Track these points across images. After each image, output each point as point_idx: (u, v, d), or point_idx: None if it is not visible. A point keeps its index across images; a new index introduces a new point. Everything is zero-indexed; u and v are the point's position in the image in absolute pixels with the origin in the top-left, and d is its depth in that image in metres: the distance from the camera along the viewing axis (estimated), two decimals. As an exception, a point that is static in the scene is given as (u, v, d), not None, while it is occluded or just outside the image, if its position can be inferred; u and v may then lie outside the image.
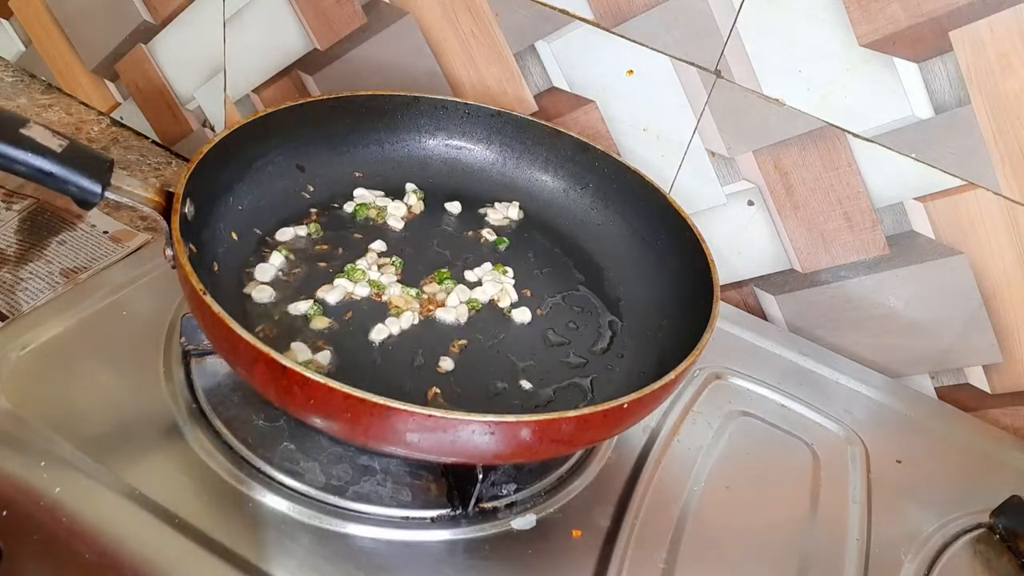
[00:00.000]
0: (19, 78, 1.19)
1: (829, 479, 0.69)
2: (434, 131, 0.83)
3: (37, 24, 1.14)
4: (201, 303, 0.52)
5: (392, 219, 0.78)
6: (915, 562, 0.64)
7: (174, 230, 0.56)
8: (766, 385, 0.77)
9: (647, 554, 0.59)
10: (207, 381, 0.64)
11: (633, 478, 0.65)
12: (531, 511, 0.60)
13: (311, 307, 0.66)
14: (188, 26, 1.02)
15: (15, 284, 0.84)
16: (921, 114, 0.71)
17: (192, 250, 0.60)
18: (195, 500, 0.56)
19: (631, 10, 0.78)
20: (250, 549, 0.53)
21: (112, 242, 0.91)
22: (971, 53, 0.67)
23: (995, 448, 0.77)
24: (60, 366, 0.63)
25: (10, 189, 0.95)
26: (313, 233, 0.74)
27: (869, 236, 0.78)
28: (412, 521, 0.58)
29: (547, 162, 0.83)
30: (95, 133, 1.13)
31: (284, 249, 0.71)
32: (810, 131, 0.76)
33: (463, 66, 0.88)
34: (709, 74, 0.77)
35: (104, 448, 0.58)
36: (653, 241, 0.77)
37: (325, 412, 0.51)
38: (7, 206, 0.93)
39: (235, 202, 0.70)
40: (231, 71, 1.03)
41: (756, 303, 0.87)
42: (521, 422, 0.51)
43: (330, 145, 0.79)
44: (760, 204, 0.81)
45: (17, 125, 0.53)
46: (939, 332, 0.79)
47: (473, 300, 0.71)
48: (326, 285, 0.69)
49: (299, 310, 0.66)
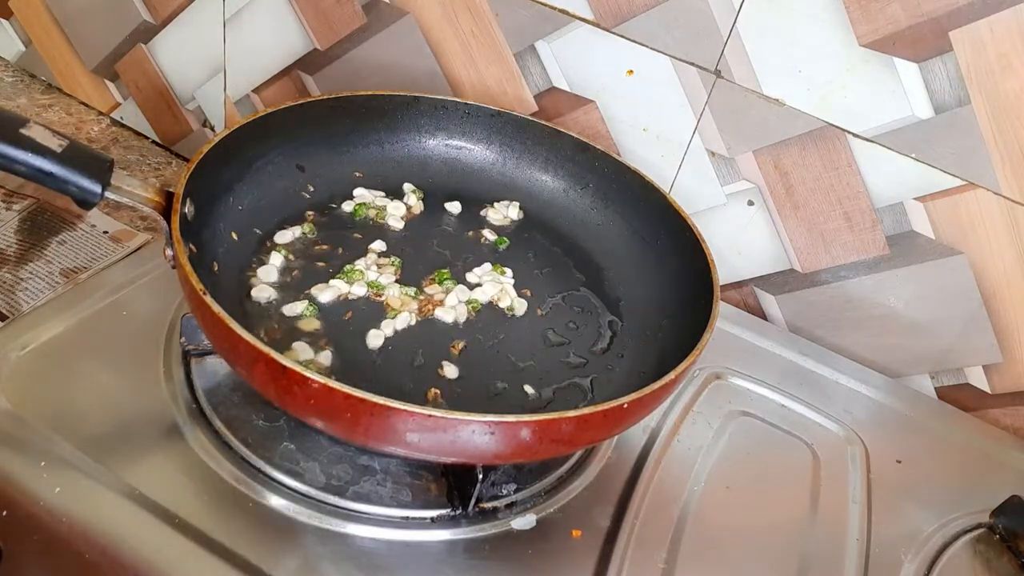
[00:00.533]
0: (19, 78, 1.19)
1: (829, 479, 0.69)
2: (434, 131, 0.83)
3: (37, 24, 1.14)
4: (201, 303, 0.52)
5: (392, 219, 0.78)
6: (915, 562, 0.64)
7: (174, 230, 0.56)
8: (766, 385, 0.77)
9: (647, 554, 0.59)
10: (207, 381, 0.64)
11: (633, 478, 0.65)
12: (531, 511, 0.60)
13: (307, 307, 0.66)
14: (188, 26, 1.02)
15: (15, 284, 0.84)
16: (921, 114, 0.71)
17: (192, 250, 0.60)
18: (195, 500, 0.56)
19: (631, 10, 0.78)
20: (250, 549, 0.53)
21: (112, 242, 0.91)
22: (971, 53, 0.67)
23: (995, 448, 0.77)
24: (60, 366, 0.63)
25: (10, 189, 0.95)
26: (308, 233, 0.74)
27: (869, 236, 0.78)
28: (412, 521, 0.58)
29: (547, 162, 0.83)
30: (95, 133, 1.13)
31: (284, 249, 0.71)
32: (810, 131, 0.76)
33: (463, 66, 0.88)
34: (709, 74, 0.77)
35: (104, 448, 0.58)
36: (653, 241, 0.77)
37: (325, 412, 0.51)
38: (7, 206, 0.93)
39: (235, 202, 0.70)
40: (231, 71, 1.03)
41: (756, 303, 0.87)
42: (521, 422, 0.51)
43: (330, 145, 0.79)
44: (760, 204, 0.81)
45: (17, 125, 0.53)
46: (939, 332, 0.79)
47: (473, 300, 0.71)
48: (321, 284, 0.69)
49: (295, 311, 0.66)
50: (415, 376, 0.64)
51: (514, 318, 0.72)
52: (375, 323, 0.67)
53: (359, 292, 0.69)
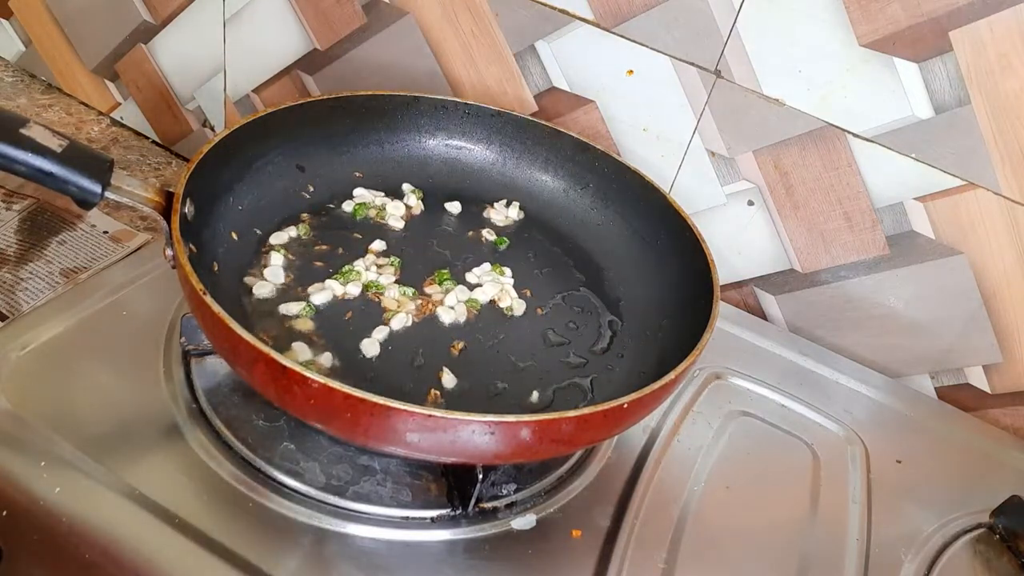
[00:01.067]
0: (19, 78, 1.19)
1: (829, 479, 0.69)
2: (434, 131, 0.83)
3: (37, 24, 1.14)
4: (201, 303, 0.52)
5: (392, 219, 0.78)
6: (915, 562, 0.64)
7: (174, 230, 0.56)
8: (766, 385, 0.77)
9: (647, 554, 0.59)
10: (207, 381, 0.64)
11: (633, 478, 0.65)
12: (531, 511, 0.60)
13: (305, 308, 0.66)
14: (188, 26, 1.02)
15: (15, 284, 0.84)
16: (921, 114, 0.71)
17: (192, 250, 0.59)
18: (195, 500, 0.56)
19: (631, 10, 0.78)
20: (250, 549, 0.53)
21: (112, 242, 0.91)
22: (971, 53, 0.67)
23: (995, 448, 0.77)
24: (60, 366, 0.63)
25: (10, 189, 0.95)
26: (308, 233, 0.74)
27: (869, 236, 0.78)
28: (412, 521, 0.58)
29: (547, 162, 0.83)
30: (95, 133, 1.13)
31: (283, 249, 0.71)
32: (810, 131, 0.76)
33: (463, 66, 0.88)
34: (709, 74, 0.77)
35: (104, 448, 0.58)
36: (653, 241, 0.77)
37: (325, 412, 0.51)
38: (7, 206, 0.93)
39: (235, 202, 0.70)
40: (231, 71, 1.03)
41: (756, 303, 0.87)
42: (521, 422, 0.51)
43: (330, 145, 0.79)
44: (760, 204, 0.81)
45: (17, 125, 0.53)
46: (939, 332, 0.79)
47: (472, 300, 0.71)
48: (319, 284, 0.69)
49: (293, 311, 0.66)
50: (415, 376, 0.64)
51: (514, 318, 0.72)
52: (375, 323, 0.67)
53: (356, 292, 0.69)
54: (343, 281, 0.70)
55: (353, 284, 0.70)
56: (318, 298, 0.68)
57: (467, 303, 0.71)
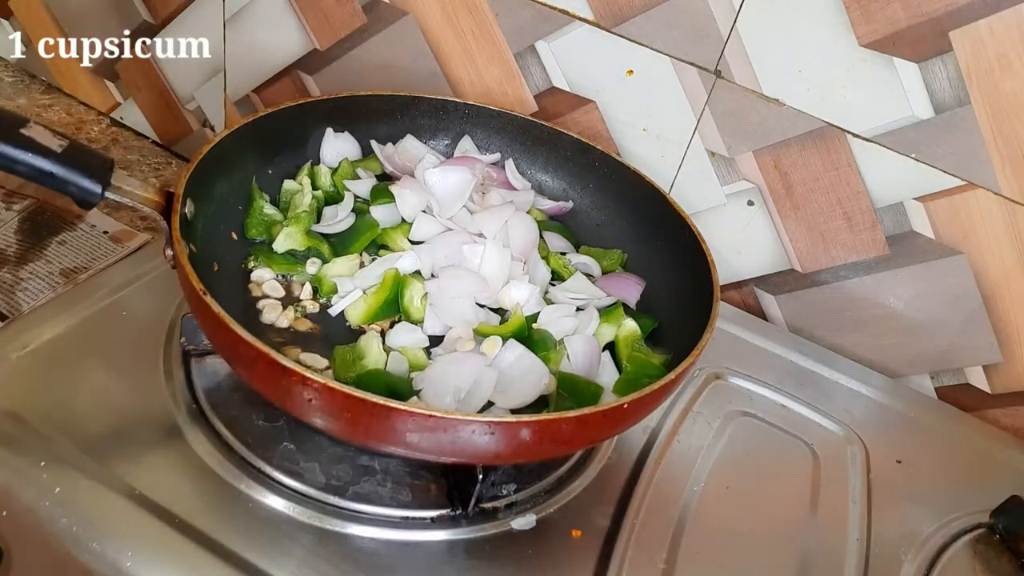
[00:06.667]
0: (19, 78, 1.19)
1: (829, 479, 0.69)
2: (434, 131, 0.83)
3: (37, 24, 1.14)
4: (201, 303, 0.52)
5: (392, 219, 0.78)
6: (915, 562, 0.64)
7: (174, 230, 0.56)
8: (766, 385, 0.77)
9: (647, 554, 0.59)
10: (207, 381, 0.64)
11: (633, 478, 0.65)
12: (531, 511, 0.60)
13: (304, 307, 0.66)
14: (188, 26, 1.02)
15: (15, 284, 0.84)
16: (921, 114, 0.71)
17: (192, 250, 0.60)
18: (195, 500, 0.56)
19: (631, 10, 0.78)
20: (250, 549, 0.53)
21: (112, 242, 0.91)
22: (971, 53, 0.67)
23: (995, 448, 0.77)
24: (60, 366, 0.63)
25: (10, 189, 0.95)
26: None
27: (869, 236, 0.78)
28: (412, 521, 0.58)
29: (547, 162, 0.83)
30: (95, 133, 1.13)
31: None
32: (810, 131, 0.76)
33: (463, 66, 0.88)
34: (709, 74, 0.77)
35: (104, 448, 0.58)
36: (653, 241, 0.76)
37: (325, 412, 0.51)
38: (7, 206, 0.93)
39: (235, 202, 0.70)
40: (231, 71, 1.03)
41: (756, 303, 0.87)
42: (521, 422, 0.51)
43: (330, 145, 0.79)
44: (760, 204, 0.81)
45: (17, 125, 0.53)
46: (939, 332, 0.79)
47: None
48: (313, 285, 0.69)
49: (294, 311, 0.66)
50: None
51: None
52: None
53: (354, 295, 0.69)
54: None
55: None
56: (322, 297, 0.68)
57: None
